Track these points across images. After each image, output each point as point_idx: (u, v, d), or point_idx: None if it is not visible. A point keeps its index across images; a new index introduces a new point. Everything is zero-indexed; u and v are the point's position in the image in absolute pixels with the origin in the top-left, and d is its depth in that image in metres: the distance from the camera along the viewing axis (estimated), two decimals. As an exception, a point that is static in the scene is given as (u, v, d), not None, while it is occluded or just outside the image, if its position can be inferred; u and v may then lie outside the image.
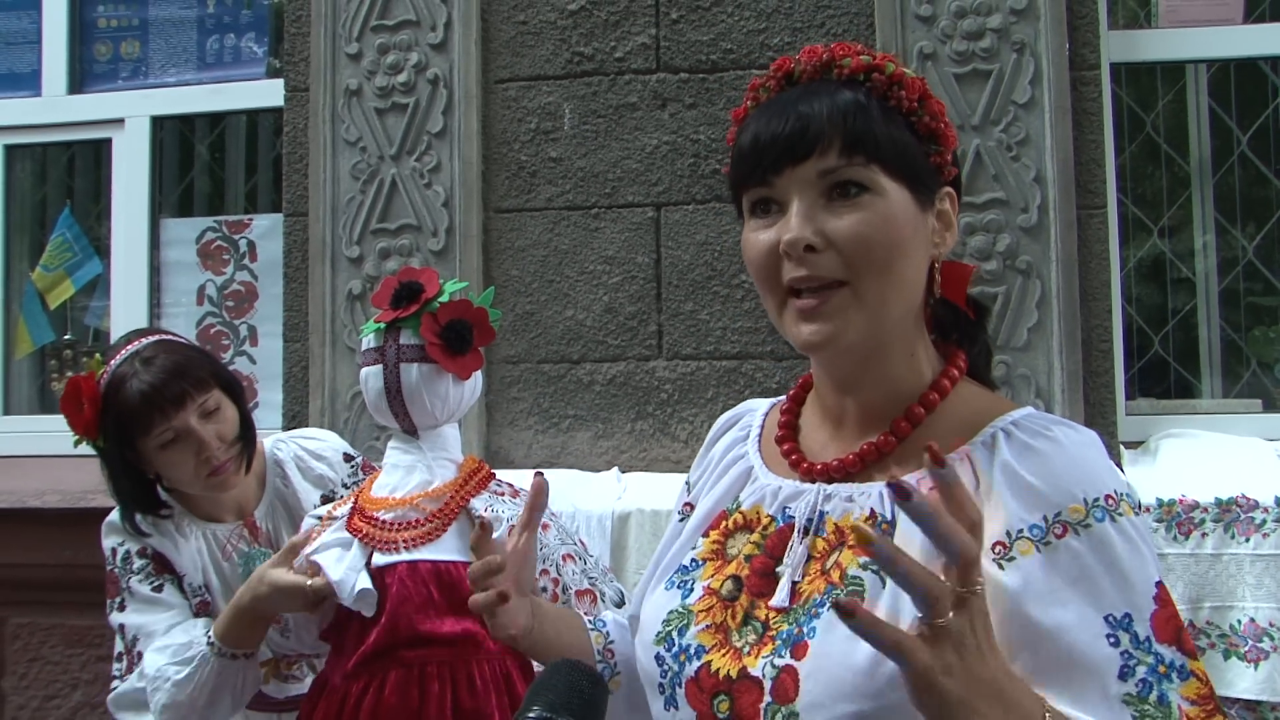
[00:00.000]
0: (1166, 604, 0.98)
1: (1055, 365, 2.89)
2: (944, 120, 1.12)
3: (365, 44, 3.27)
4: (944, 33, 2.97)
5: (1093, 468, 1.02)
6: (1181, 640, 0.97)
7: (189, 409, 1.98)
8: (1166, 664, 0.95)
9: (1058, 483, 1.01)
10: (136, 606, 2.08)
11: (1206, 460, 2.84)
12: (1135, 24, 3.35)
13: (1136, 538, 1.00)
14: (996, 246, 2.92)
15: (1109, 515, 0.99)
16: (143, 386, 1.95)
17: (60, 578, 3.41)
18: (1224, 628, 2.66)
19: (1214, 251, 3.37)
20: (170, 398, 1.96)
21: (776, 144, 1.07)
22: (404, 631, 1.83)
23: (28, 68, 3.91)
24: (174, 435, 1.98)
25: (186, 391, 1.98)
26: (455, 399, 1.92)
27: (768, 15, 3.14)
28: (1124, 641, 0.95)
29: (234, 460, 2.05)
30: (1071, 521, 0.99)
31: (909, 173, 1.08)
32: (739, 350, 3.10)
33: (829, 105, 1.07)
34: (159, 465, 2.03)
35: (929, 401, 1.12)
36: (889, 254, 1.06)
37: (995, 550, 0.99)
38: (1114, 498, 1.00)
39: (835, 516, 1.10)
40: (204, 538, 2.15)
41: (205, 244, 3.78)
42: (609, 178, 3.19)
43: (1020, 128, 2.94)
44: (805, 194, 1.06)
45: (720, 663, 1.08)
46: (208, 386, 2.02)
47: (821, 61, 1.12)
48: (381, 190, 3.24)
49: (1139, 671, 0.94)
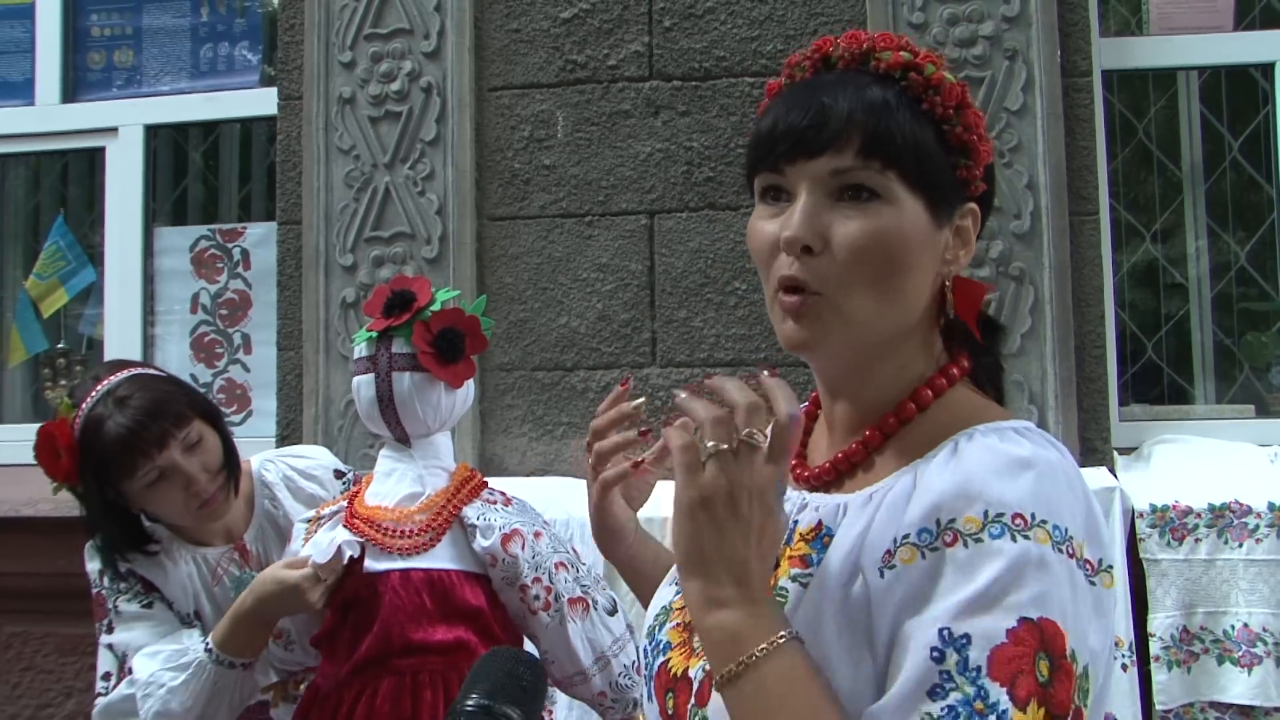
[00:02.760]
0: (1021, 644, 0.86)
1: (1048, 371, 2.90)
2: (979, 133, 1.05)
3: (359, 52, 3.27)
4: (936, 40, 2.98)
5: (1020, 486, 0.92)
6: (1015, 686, 0.85)
7: (171, 446, 1.93)
8: (987, 702, 0.85)
9: (966, 489, 0.92)
10: (125, 625, 2.03)
11: (1200, 466, 2.85)
12: (1127, 31, 3.36)
13: (1031, 570, 0.88)
14: (989, 253, 2.93)
15: (1009, 533, 0.89)
16: (120, 430, 1.89)
17: (54, 586, 3.40)
18: (1218, 633, 2.66)
19: (1206, 257, 3.38)
20: (151, 439, 1.90)
21: (793, 133, 1.02)
22: (396, 640, 1.83)
23: (21, 76, 3.91)
24: (159, 474, 1.93)
25: (167, 430, 1.92)
26: (447, 407, 1.92)
27: (760, 23, 3.14)
28: (949, 661, 0.86)
29: (221, 490, 2.01)
30: (964, 531, 0.91)
31: (928, 184, 1.02)
32: (733, 357, 3.10)
33: (854, 100, 1.01)
34: (146, 503, 1.99)
35: (904, 411, 1.06)
36: (886, 268, 1.00)
37: (882, 559, 0.94)
38: (1025, 520, 0.90)
39: (801, 526, 1.06)
40: (194, 562, 2.10)
41: (199, 252, 3.78)
42: (602, 185, 3.19)
43: (1013, 134, 2.95)
44: (814, 191, 1.01)
45: (676, 661, 1.10)
46: (187, 420, 1.96)
47: (861, 49, 1.06)
48: (375, 198, 3.24)
49: (951, 697, 0.85)
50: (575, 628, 1.87)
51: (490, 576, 1.88)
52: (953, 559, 0.90)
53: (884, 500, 0.99)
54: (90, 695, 3.44)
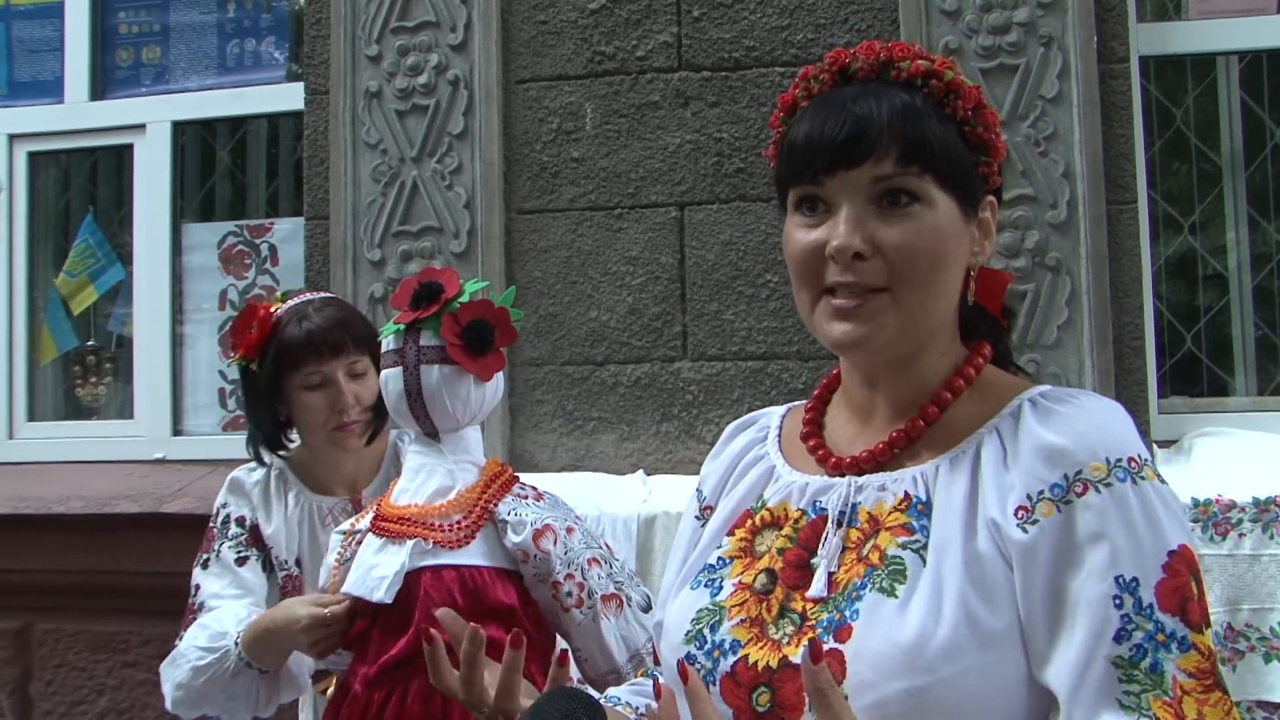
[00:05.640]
0: (1178, 574, 0.97)
1: (1086, 363, 2.85)
2: (995, 131, 1.14)
3: (385, 46, 3.26)
4: (970, 27, 2.93)
5: (1117, 430, 1.03)
6: (1187, 611, 0.96)
7: (340, 361, 2.11)
8: (1166, 633, 0.94)
9: (1080, 441, 1.01)
10: (217, 571, 2.14)
11: (1242, 459, 2.79)
12: (1164, 16, 3.30)
13: (1157, 503, 0.99)
14: (1025, 243, 2.88)
15: (1131, 476, 1.00)
16: (310, 326, 2.10)
17: (85, 583, 3.42)
18: (1264, 630, 2.60)
19: (1246, 246, 3.31)
20: (329, 342, 2.09)
21: (832, 145, 1.07)
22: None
23: (51, 75, 3.93)
24: (319, 380, 2.10)
25: (345, 342, 2.11)
26: (477, 401, 1.89)
27: (790, 11, 3.10)
28: (1126, 604, 0.95)
29: (361, 425, 2.14)
30: (1093, 479, 0.99)
31: (958, 183, 1.10)
32: (765, 351, 3.07)
33: (887, 109, 1.07)
34: (295, 407, 2.14)
35: (955, 387, 1.13)
36: (932, 265, 1.08)
37: (1018, 515, 1.01)
38: (1137, 461, 1.01)
39: (869, 506, 1.10)
40: (307, 510, 2.22)
41: (227, 248, 3.78)
42: (632, 177, 3.16)
43: (1048, 123, 2.90)
44: (855, 199, 1.07)
45: (758, 655, 1.07)
46: (363, 349, 2.13)
47: (879, 60, 1.11)
48: (403, 192, 3.22)
49: (1135, 636, 0.94)
50: (609, 625, 1.84)
51: (522, 573, 1.85)
52: (1090, 505, 0.99)
53: (978, 461, 1.06)
54: (122, 693, 3.45)
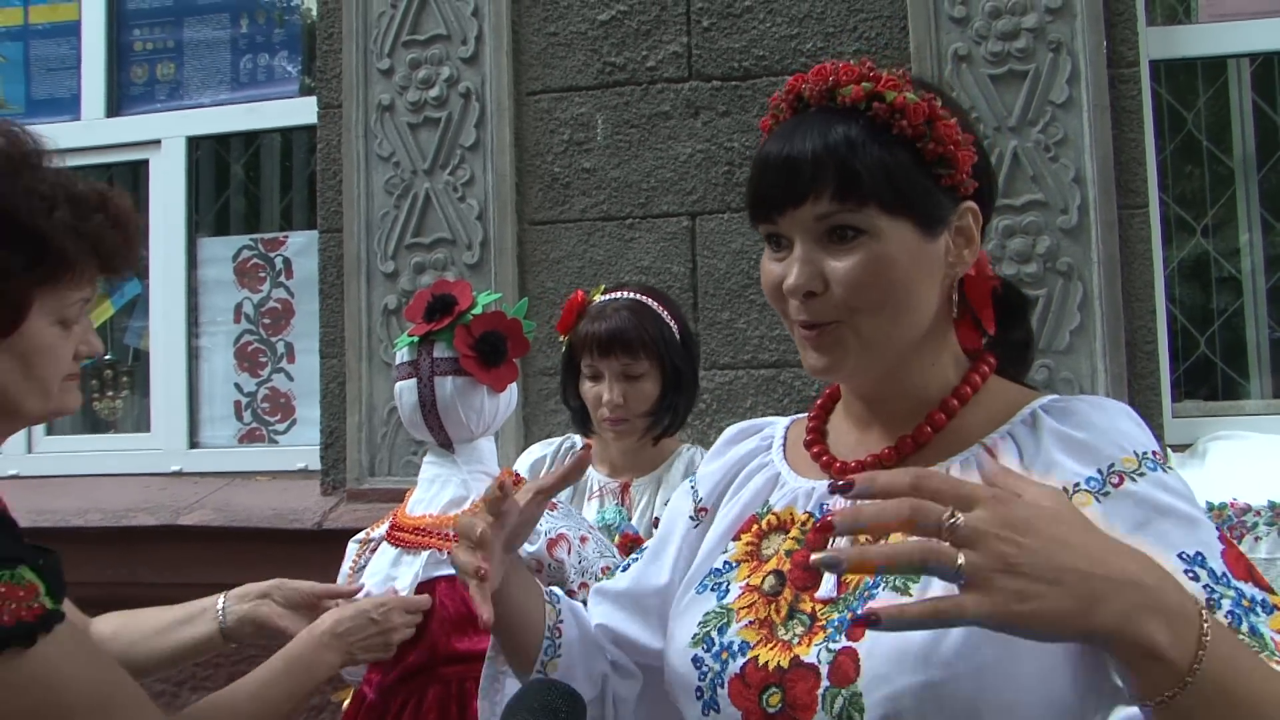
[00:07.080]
0: (1232, 544, 0.98)
1: (1099, 368, 2.85)
2: (954, 141, 1.09)
3: (396, 59, 3.28)
4: (979, 33, 2.94)
5: (1135, 427, 1.07)
6: (1256, 577, 0.96)
7: (611, 362, 2.18)
8: (1249, 598, 0.94)
9: (1106, 437, 1.04)
10: None
11: (1257, 462, 2.78)
12: (1174, 19, 3.30)
13: (1186, 489, 1.02)
14: (1036, 248, 2.88)
15: (1160, 467, 1.02)
16: (600, 321, 2.20)
17: (103, 596, 3.38)
18: None
19: (1259, 249, 3.30)
20: (603, 343, 2.18)
21: (775, 187, 1.09)
22: (442, 649, 1.82)
23: (68, 92, 3.97)
24: (592, 374, 2.22)
25: (614, 350, 2.18)
26: (490, 412, 1.90)
27: (800, 20, 3.11)
28: (1203, 577, 0.94)
29: (629, 425, 2.21)
30: (1127, 470, 1.02)
31: (909, 204, 1.08)
32: (776, 359, 3.07)
33: (820, 146, 1.07)
34: (584, 392, 2.25)
35: (962, 395, 1.14)
36: (886, 292, 1.07)
37: None
38: (1159, 453, 1.04)
39: None
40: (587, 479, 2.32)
41: (242, 262, 3.81)
42: (643, 188, 3.18)
43: (1058, 128, 2.90)
44: (805, 237, 1.09)
45: (768, 656, 1.08)
46: (637, 355, 2.18)
47: (826, 86, 1.11)
48: (415, 205, 3.24)
49: (1225, 604, 0.93)
50: (623, 633, 1.85)
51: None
52: (1129, 494, 1.00)
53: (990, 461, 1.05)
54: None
